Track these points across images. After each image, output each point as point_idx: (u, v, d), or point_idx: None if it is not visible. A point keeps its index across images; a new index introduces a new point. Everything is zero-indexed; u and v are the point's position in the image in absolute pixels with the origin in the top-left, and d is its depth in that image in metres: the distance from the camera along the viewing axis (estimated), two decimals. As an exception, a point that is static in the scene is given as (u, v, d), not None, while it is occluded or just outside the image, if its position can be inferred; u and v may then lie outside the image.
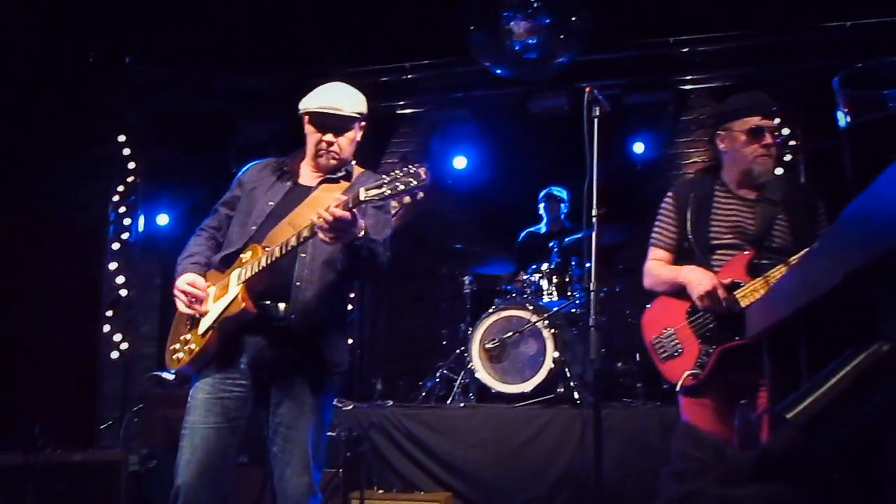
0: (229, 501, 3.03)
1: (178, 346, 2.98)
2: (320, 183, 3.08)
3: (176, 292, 2.94)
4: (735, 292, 3.02)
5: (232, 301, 2.81)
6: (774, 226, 3.14)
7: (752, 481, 0.66)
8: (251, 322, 2.84)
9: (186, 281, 2.91)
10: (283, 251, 2.78)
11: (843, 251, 1.16)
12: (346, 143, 3.06)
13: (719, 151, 3.30)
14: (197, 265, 3.01)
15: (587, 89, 3.50)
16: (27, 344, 6.22)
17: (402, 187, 2.55)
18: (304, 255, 2.90)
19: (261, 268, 2.80)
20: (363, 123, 3.15)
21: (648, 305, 3.33)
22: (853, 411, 0.65)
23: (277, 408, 2.89)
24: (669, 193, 3.37)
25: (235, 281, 2.85)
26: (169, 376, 5.50)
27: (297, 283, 2.88)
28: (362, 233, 2.75)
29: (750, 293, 2.99)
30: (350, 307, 7.36)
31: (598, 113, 3.50)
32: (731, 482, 0.67)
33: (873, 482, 0.64)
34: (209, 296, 2.92)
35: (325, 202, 2.84)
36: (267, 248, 2.82)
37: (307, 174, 3.13)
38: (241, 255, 2.91)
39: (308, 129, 3.09)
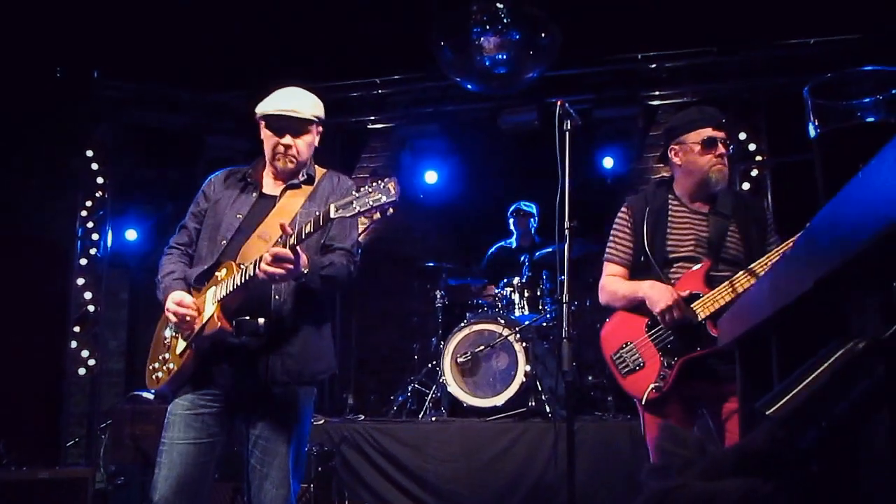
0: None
1: (157, 364, 2.96)
2: (284, 190, 3.05)
3: (168, 313, 2.88)
4: (693, 304, 3.06)
5: (208, 320, 2.78)
6: (727, 238, 3.18)
7: (733, 475, 0.68)
8: (230, 337, 2.81)
9: (174, 300, 2.85)
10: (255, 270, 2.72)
11: (814, 256, 1.18)
12: (303, 146, 3.03)
13: (672, 165, 3.34)
14: (180, 281, 2.95)
15: (558, 103, 3.53)
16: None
17: (371, 204, 2.52)
18: None
19: (235, 286, 2.75)
20: (320, 128, 3.12)
21: (607, 320, 3.35)
22: (831, 406, 0.66)
23: (257, 420, 2.85)
24: (623, 208, 3.39)
25: (211, 299, 2.82)
26: (149, 395, 5.45)
27: (276, 297, 2.85)
28: (306, 269, 2.73)
29: (710, 303, 3.03)
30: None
31: (568, 126, 3.52)
32: (712, 476, 0.68)
33: (850, 475, 0.66)
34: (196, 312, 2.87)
35: (291, 210, 2.91)
36: (241, 266, 2.78)
37: (270, 183, 3.10)
38: (217, 273, 2.87)
39: (265, 133, 3.06)
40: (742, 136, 6.94)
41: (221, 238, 2.95)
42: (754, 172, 6.95)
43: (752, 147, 7.00)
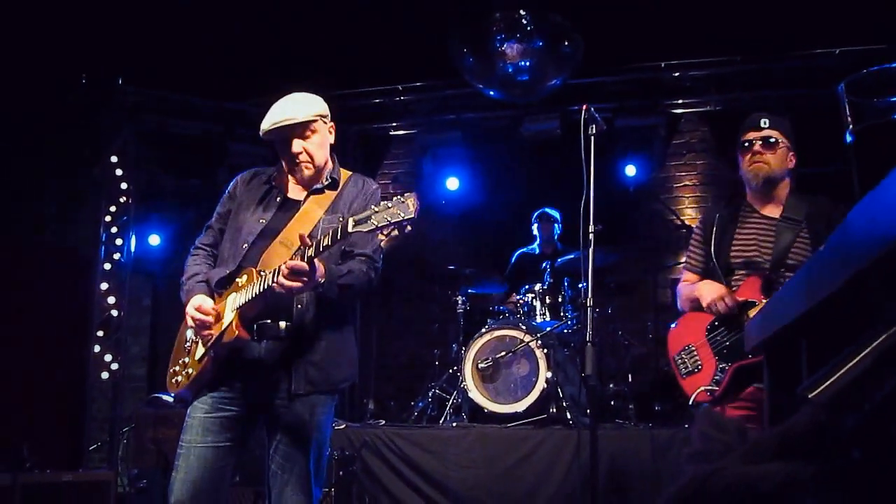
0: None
1: (177, 368, 2.95)
2: (308, 196, 3.01)
3: (188, 318, 2.88)
4: (750, 311, 3.07)
5: (226, 328, 2.76)
6: (795, 244, 3.19)
7: (774, 459, 0.68)
8: (250, 343, 2.81)
9: (194, 305, 2.84)
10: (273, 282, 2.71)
11: (847, 254, 1.17)
12: (314, 147, 2.96)
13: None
14: (203, 284, 2.95)
15: (583, 107, 3.55)
16: (17, 364, 6.17)
17: (389, 219, 2.47)
18: None
19: (254, 295, 2.74)
20: (328, 123, 3.05)
21: (673, 324, 3.41)
22: (873, 391, 0.66)
23: (278, 426, 2.83)
24: (700, 217, 3.53)
25: (230, 306, 2.80)
26: (169, 398, 5.49)
27: (298, 305, 2.83)
28: (322, 280, 2.70)
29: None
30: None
31: (593, 131, 3.55)
32: (753, 460, 0.68)
33: (892, 460, 0.66)
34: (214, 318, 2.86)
35: (314, 217, 2.88)
36: (261, 273, 2.75)
37: (294, 187, 3.06)
38: (238, 279, 2.85)
39: (277, 149, 3.01)
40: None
41: (243, 242, 2.94)
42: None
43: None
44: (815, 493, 0.68)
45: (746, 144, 3.26)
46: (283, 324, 2.80)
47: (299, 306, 2.82)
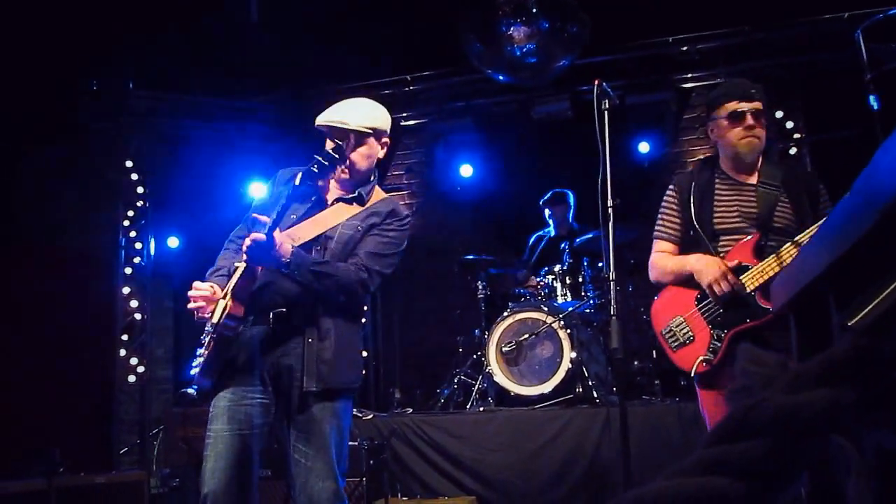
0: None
1: (198, 357, 2.99)
2: (335, 201, 3.05)
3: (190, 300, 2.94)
4: (742, 276, 3.05)
5: (224, 308, 2.81)
6: (777, 208, 3.17)
7: (817, 387, 0.68)
8: (268, 333, 2.87)
9: (193, 287, 2.91)
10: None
11: (874, 194, 1.17)
12: (359, 159, 3.00)
13: (714, 142, 3.36)
14: (223, 277, 2.99)
15: (595, 82, 3.54)
16: (45, 371, 6.24)
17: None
18: None
19: (241, 273, 2.80)
20: (384, 139, 3.10)
21: (656, 297, 3.36)
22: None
23: (298, 415, 2.87)
24: (671, 186, 3.41)
25: (228, 288, 2.87)
26: (192, 391, 5.54)
27: (284, 270, 2.86)
28: (286, 258, 2.76)
29: (758, 275, 3.02)
30: (363, 320, 7.36)
31: (606, 105, 3.53)
32: (796, 389, 0.69)
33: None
34: (217, 297, 2.91)
35: (333, 221, 2.92)
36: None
37: (331, 190, 3.10)
38: (238, 264, 2.90)
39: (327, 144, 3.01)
40: (779, 114, 6.86)
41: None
42: (793, 150, 6.87)
43: (789, 125, 6.92)
44: (859, 417, 0.69)
45: (737, 114, 3.20)
46: (283, 309, 2.87)
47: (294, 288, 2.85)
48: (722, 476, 0.70)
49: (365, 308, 7.13)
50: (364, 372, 7.13)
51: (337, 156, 2.84)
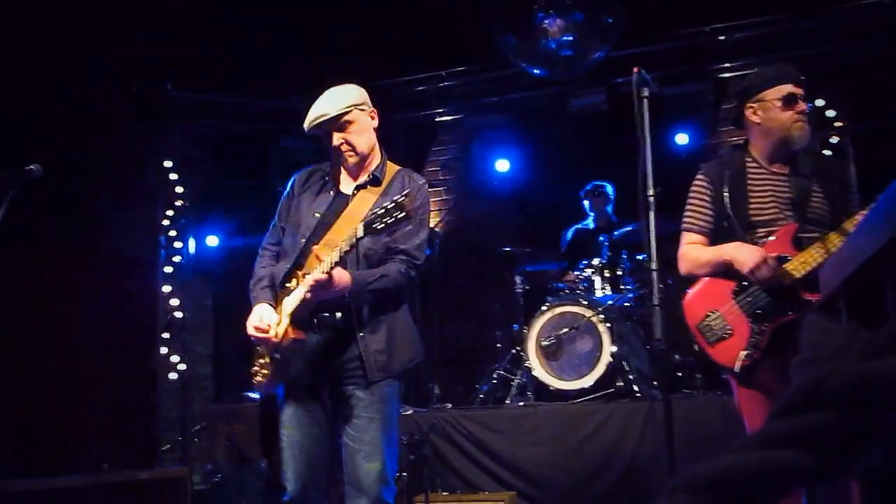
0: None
1: (256, 368, 3.22)
2: (356, 190, 3.16)
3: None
4: (783, 266, 2.98)
5: (283, 333, 3.00)
6: (811, 198, 3.09)
7: (890, 354, 0.66)
8: (326, 338, 3.04)
9: (252, 324, 3.06)
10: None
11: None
12: (356, 137, 3.10)
13: (748, 127, 3.26)
14: (267, 289, 3.16)
15: (634, 70, 3.50)
16: (88, 369, 6.32)
17: (396, 217, 2.73)
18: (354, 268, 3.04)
19: (302, 300, 2.94)
20: (369, 110, 3.18)
21: (689, 292, 3.28)
22: None
23: (348, 400, 3.03)
24: (699, 175, 3.32)
25: (285, 311, 3.02)
26: (255, 395, 5.60)
27: (346, 298, 3.00)
28: (347, 288, 2.91)
29: (801, 265, 2.95)
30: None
31: (646, 93, 3.48)
32: (868, 357, 0.66)
33: None
34: (273, 327, 3.06)
35: (361, 213, 3.01)
36: (305, 277, 2.93)
37: (345, 180, 3.22)
38: (288, 284, 3.06)
39: (325, 143, 3.17)
40: (819, 102, 6.73)
41: (301, 237, 3.12)
42: (834, 140, 6.74)
43: (830, 114, 6.79)
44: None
45: (792, 98, 3.10)
46: (338, 314, 3.01)
47: (348, 296, 2.99)
48: (790, 449, 0.67)
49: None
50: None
51: (349, 148, 3.08)
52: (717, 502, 0.65)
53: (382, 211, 2.75)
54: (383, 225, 2.75)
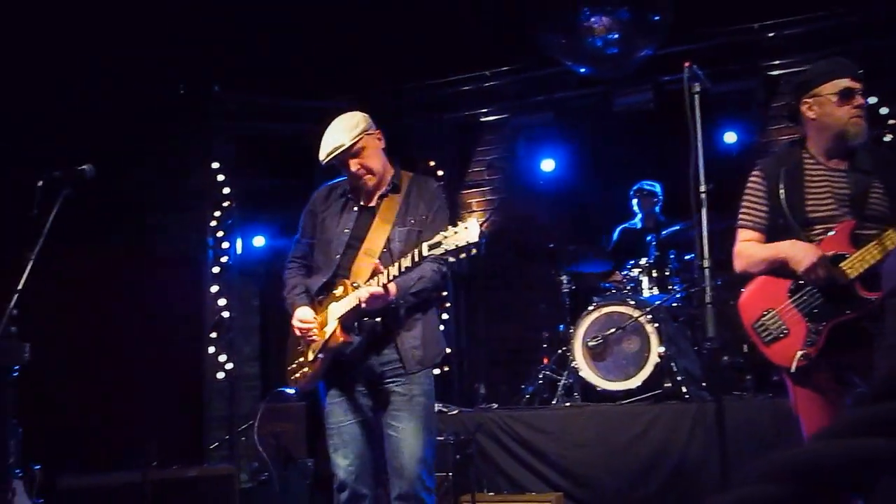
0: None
1: (295, 366, 3.46)
2: (379, 201, 3.42)
3: (293, 328, 3.39)
4: (840, 264, 2.92)
5: (331, 335, 3.25)
6: (870, 194, 3.03)
7: None
8: (365, 338, 3.28)
9: (298, 318, 3.35)
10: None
11: None
12: (370, 161, 3.36)
13: (804, 122, 3.19)
14: (303, 295, 3.45)
15: (686, 65, 3.47)
16: (139, 367, 6.42)
17: (456, 244, 2.87)
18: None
19: (350, 307, 3.20)
20: (375, 133, 3.42)
21: (744, 289, 3.23)
22: None
23: (388, 395, 3.29)
24: (755, 172, 3.26)
25: (332, 315, 3.26)
26: (290, 391, 5.64)
27: (392, 305, 3.25)
28: (395, 296, 3.18)
29: (858, 263, 2.89)
30: (447, 304, 7.39)
31: (698, 89, 3.44)
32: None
33: None
34: (318, 326, 3.35)
35: (388, 223, 3.33)
36: (354, 285, 3.20)
37: (366, 194, 3.46)
38: (335, 291, 3.30)
39: (341, 170, 3.43)
40: (872, 99, 6.59)
41: (334, 253, 3.38)
42: (888, 137, 6.60)
43: (883, 111, 6.64)
44: None
45: (849, 92, 3.04)
46: (378, 319, 3.26)
47: (392, 306, 3.25)
48: (878, 436, 0.65)
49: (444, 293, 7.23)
50: (447, 368, 7.15)
51: (366, 172, 3.35)
52: (805, 491, 0.62)
53: (450, 244, 2.88)
54: (444, 250, 2.90)
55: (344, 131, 3.33)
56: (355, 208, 3.43)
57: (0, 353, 3.00)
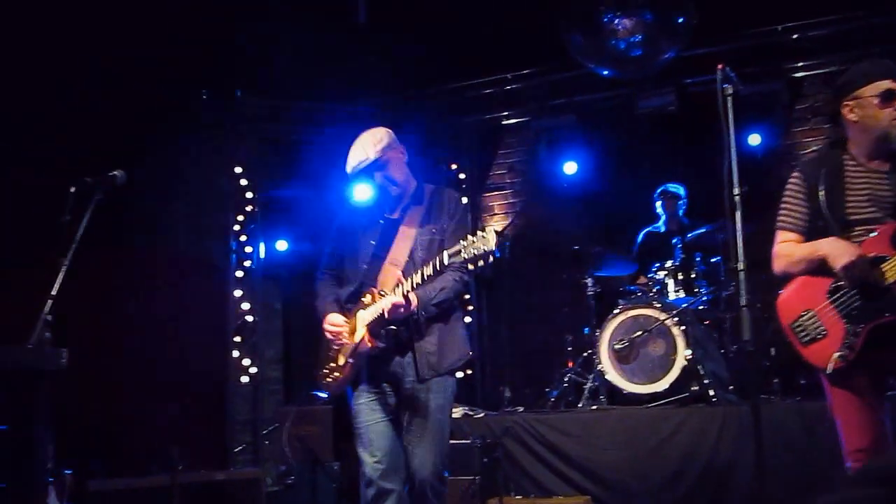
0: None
1: (326, 371, 3.65)
2: (402, 213, 3.59)
3: (325, 332, 3.59)
4: (881, 266, 2.90)
5: (360, 340, 3.43)
6: None
7: None
8: (382, 344, 3.46)
9: (329, 322, 3.55)
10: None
11: None
12: (394, 173, 3.54)
13: (844, 124, 3.17)
14: (333, 304, 3.63)
15: (718, 66, 3.47)
16: (163, 371, 6.45)
17: (475, 253, 3.03)
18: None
19: (377, 315, 3.38)
20: (398, 148, 3.59)
21: (781, 290, 3.21)
22: None
23: (409, 405, 3.48)
24: (795, 173, 3.24)
25: (362, 322, 3.44)
26: (322, 394, 5.68)
27: (414, 317, 3.43)
28: (416, 307, 3.35)
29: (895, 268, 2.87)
30: (470, 308, 7.40)
31: (730, 91, 3.43)
32: None
33: None
34: (348, 331, 3.54)
35: (411, 234, 3.50)
36: (382, 294, 3.38)
37: (390, 206, 3.63)
38: (363, 298, 3.47)
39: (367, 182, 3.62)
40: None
41: (362, 263, 3.57)
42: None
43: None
44: None
45: (891, 94, 3.00)
46: (402, 327, 3.44)
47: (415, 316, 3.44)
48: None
49: (467, 296, 7.25)
50: (469, 372, 7.15)
51: (390, 184, 3.54)
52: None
53: (469, 253, 3.06)
54: (463, 258, 3.07)
55: (369, 146, 3.52)
56: (380, 220, 3.61)
57: (37, 358, 3.00)
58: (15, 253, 5.77)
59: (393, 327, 3.43)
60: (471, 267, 3.13)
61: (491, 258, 3.02)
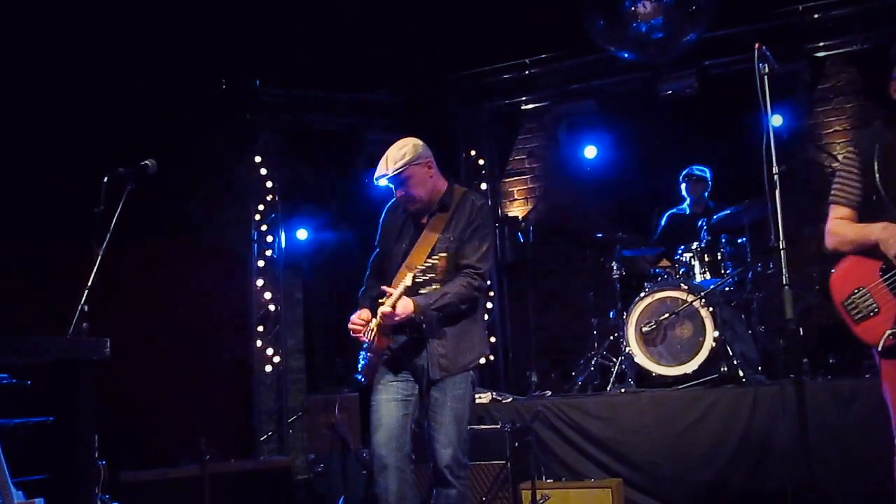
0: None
1: (360, 359, 3.83)
2: (427, 219, 3.72)
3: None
4: None
5: (372, 339, 3.66)
6: None
7: None
8: (405, 342, 3.68)
9: (352, 318, 3.71)
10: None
11: None
12: (414, 189, 3.62)
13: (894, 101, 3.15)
14: (368, 299, 3.80)
15: (756, 46, 3.44)
16: (187, 362, 6.45)
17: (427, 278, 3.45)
18: (424, 291, 3.57)
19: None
20: (423, 162, 3.62)
21: (833, 269, 3.20)
22: None
23: (428, 399, 3.65)
24: (850, 147, 3.23)
25: (373, 323, 3.66)
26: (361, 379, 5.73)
27: (416, 321, 3.60)
28: (414, 314, 3.51)
29: None
30: (489, 305, 7.39)
31: (766, 70, 3.40)
32: None
33: None
34: (370, 327, 3.69)
35: (433, 239, 3.65)
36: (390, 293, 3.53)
37: (420, 210, 3.74)
38: (381, 300, 3.60)
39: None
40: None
41: (394, 263, 3.74)
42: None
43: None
44: None
45: None
46: (408, 329, 3.64)
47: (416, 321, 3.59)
48: None
49: (491, 293, 7.23)
50: (493, 357, 7.15)
51: (409, 199, 3.65)
52: None
53: (425, 269, 3.42)
54: (424, 280, 3.42)
55: (390, 161, 3.58)
56: (412, 225, 3.77)
57: (82, 348, 2.99)
58: (47, 244, 5.78)
59: (400, 329, 3.63)
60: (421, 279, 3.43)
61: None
